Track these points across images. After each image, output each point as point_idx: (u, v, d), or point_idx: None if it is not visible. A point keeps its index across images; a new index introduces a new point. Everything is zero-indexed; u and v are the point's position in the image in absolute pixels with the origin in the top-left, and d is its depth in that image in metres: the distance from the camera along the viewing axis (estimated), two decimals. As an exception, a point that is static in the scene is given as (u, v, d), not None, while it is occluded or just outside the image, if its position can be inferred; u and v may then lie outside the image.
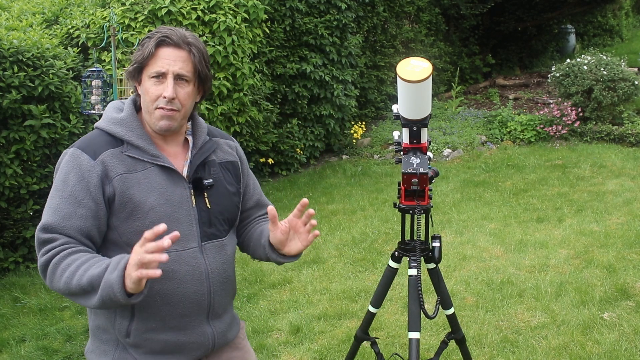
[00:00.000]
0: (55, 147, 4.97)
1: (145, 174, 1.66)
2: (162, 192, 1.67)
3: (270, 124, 7.28)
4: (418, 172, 2.19)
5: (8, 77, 4.57)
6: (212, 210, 1.75)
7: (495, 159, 7.71)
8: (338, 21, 7.79)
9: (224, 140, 1.88)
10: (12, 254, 4.92)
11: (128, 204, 1.63)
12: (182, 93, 1.67)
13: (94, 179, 1.62)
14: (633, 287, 4.03)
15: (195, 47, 1.68)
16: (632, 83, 8.12)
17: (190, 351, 1.74)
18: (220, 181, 1.79)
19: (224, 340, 1.82)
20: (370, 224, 5.65)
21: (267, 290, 4.39)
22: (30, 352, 3.69)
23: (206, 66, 1.71)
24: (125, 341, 1.69)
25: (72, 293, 1.54)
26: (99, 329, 1.73)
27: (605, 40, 16.26)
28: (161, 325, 1.68)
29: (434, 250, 2.32)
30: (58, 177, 1.66)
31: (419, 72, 2.04)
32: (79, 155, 1.64)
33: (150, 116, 1.68)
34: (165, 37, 1.65)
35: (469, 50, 12.36)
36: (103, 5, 5.89)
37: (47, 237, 1.59)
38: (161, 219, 1.63)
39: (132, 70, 1.68)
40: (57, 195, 1.63)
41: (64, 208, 1.61)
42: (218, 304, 1.77)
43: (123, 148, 1.67)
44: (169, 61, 1.64)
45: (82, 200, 1.61)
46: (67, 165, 1.64)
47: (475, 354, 3.37)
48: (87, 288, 1.50)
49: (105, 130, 1.69)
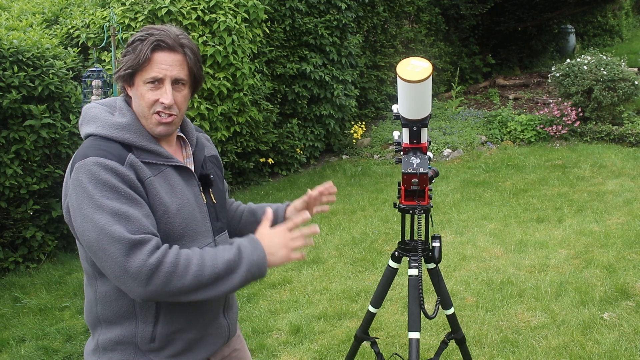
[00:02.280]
0: (55, 147, 4.97)
1: (164, 177, 1.63)
2: (182, 192, 1.66)
3: (270, 124, 7.28)
4: (418, 172, 2.19)
5: (8, 77, 4.57)
6: (217, 205, 1.79)
7: (495, 159, 7.71)
8: (338, 21, 7.79)
9: (202, 134, 1.89)
10: (12, 254, 4.92)
11: (159, 207, 1.59)
12: (179, 97, 1.64)
13: (135, 181, 1.54)
14: (633, 287, 4.03)
15: (189, 49, 1.65)
16: (632, 83, 8.12)
17: (209, 345, 1.74)
18: (216, 175, 1.83)
19: (233, 331, 1.85)
20: (370, 224, 5.65)
21: (267, 290, 4.39)
22: (30, 352, 3.69)
23: (200, 67, 1.69)
24: (148, 347, 1.64)
25: (201, 285, 1.51)
26: (111, 342, 1.66)
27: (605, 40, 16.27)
28: (186, 325, 1.67)
29: (434, 250, 2.32)
30: (97, 187, 1.49)
31: (419, 72, 2.04)
32: (106, 162, 1.52)
33: (146, 121, 1.64)
34: (160, 41, 1.59)
35: (469, 50, 12.36)
36: (103, 5, 5.89)
37: (139, 238, 1.47)
38: (187, 219, 1.65)
39: (125, 75, 1.62)
40: (114, 202, 1.49)
41: (133, 211, 1.50)
42: (230, 294, 1.82)
43: (135, 154, 1.60)
44: (166, 66, 1.60)
45: (139, 200, 1.53)
46: (101, 174, 1.50)
47: (475, 354, 3.37)
48: (223, 273, 1.53)
49: (109, 137, 1.60)
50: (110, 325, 1.65)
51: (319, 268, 4.73)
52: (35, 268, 4.97)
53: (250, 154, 7.11)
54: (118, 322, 1.63)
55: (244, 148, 6.89)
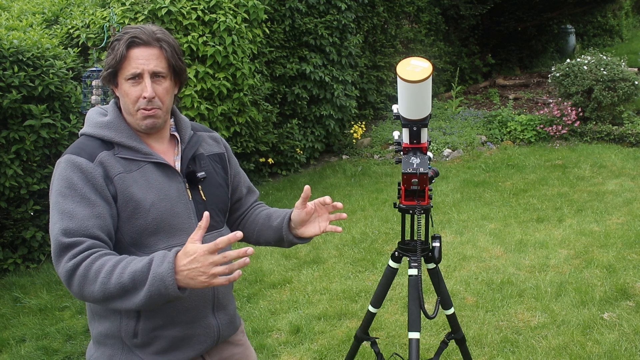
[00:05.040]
0: (55, 147, 4.97)
1: (141, 173, 1.67)
2: (159, 188, 1.68)
3: (270, 125, 7.28)
4: (418, 172, 2.19)
5: (8, 77, 4.57)
6: (208, 202, 1.78)
7: (495, 159, 7.71)
8: (338, 21, 7.79)
9: (207, 133, 1.92)
10: (12, 255, 4.92)
11: (129, 202, 1.63)
12: (160, 90, 1.68)
13: (99, 180, 1.61)
14: (633, 287, 4.03)
15: (166, 42, 1.68)
16: (632, 83, 8.12)
17: (196, 344, 1.75)
18: (211, 173, 1.83)
19: (227, 332, 1.84)
20: (370, 224, 5.65)
21: (267, 290, 4.39)
22: (30, 352, 3.69)
23: (179, 59, 1.72)
24: (132, 342, 1.68)
25: (108, 295, 1.48)
26: (101, 335, 1.72)
27: (605, 40, 16.25)
28: (168, 322, 1.69)
29: (434, 250, 2.32)
30: (60, 185, 1.60)
31: (419, 72, 2.03)
32: (75, 160, 1.62)
33: (133, 117, 1.70)
34: (134, 38, 1.64)
35: (468, 50, 12.36)
36: (103, 5, 5.88)
37: (70, 241, 1.53)
38: (162, 215, 1.66)
39: (107, 75, 1.69)
40: (67, 200, 1.58)
41: (80, 211, 1.57)
42: (222, 294, 1.80)
43: (115, 151, 1.67)
44: (142, 61, 1.65)
45: (95, 200, 1.59)
46: (67, 171, 1.61)
47: (475, 354, 3.37)
48: (129, 285, 1.46)
49: (93, 135, 1.69)
50: (102, 319, 1.71)
51: (319, 268, 4.73)
52: (35, 268, 4.97)
53: (250, 155, 7.11)
54: (106, 316, 1.69)
55: (244, 148, 6.89)
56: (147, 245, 1.65)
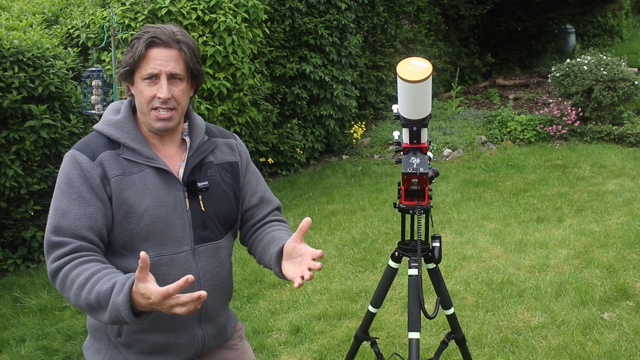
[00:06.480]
0: (55, 147, 4.97)
1: (140, 176, 1.66)
2: (156, 195, 1.66)
3: (270, 125, 7.28)
4: (418, 172, 2.19)
5: (8, 77, 4.57)
6: (207, 213, 1.73)
7: (495, 159, 7.71)
8: (338, 21, 7.79)
9: (224, 139, 1.86)
10: (12, 255, 4.92)
11: (123, 206, 1.63)
12: (177, 91, 1.66)
13: (96, 179, 1.62)
14: (633, 287, 4.03)
15: (185, 44, 1.66)
16: (632, 83, 8.12)
17: (179, 352, 1.74)
18: (218, 183, 1.77)
19: (214, 343, 1.81)
20: (370, 224, 5.65)
21: (267, 290, 4.39)
22: (30, 352, 3.69)
23: (197, 62, 1.70)
24: (117, 340, 1.70)
25: (79, 306, 1.54)
26: (93, 328, 1.77)
27: (605, 40, 16.25)
28: (152, 327, 1.68)
29: (434, 250, 2.32)
30: (61, 180, 1.64)
31: (419, 72, 2.03)
32: (78, 157, 1.64)
33: (146, 117, 1.68)
34: (154, 38, 1.63)
35: (468, 50, 12.36)
36: (103, 5, 5.88)
37: (57, 241, 1.57)
38: (155, 222, 1.64)
39: (124, 73, 1.67)
40: (64, 197, 1.61)
41: (74, 209, 1.59)
42: (210, 307, 1.76)
43: (120, 150, 1.67)
44: (160, 62, 1.63)
45: (90, 200, 1.60)
46: (69, 167, 1.63)
47: (475, 354, 3.37)
48: (94, 305, 1.49)
49: (102, 133, 1.69)
50: None
51: (319, 268, 4.72)
52: (35, 268, 4.97)
53: (250, 155, 7.10)
54: None
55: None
56: (138, 250, 1.61)
